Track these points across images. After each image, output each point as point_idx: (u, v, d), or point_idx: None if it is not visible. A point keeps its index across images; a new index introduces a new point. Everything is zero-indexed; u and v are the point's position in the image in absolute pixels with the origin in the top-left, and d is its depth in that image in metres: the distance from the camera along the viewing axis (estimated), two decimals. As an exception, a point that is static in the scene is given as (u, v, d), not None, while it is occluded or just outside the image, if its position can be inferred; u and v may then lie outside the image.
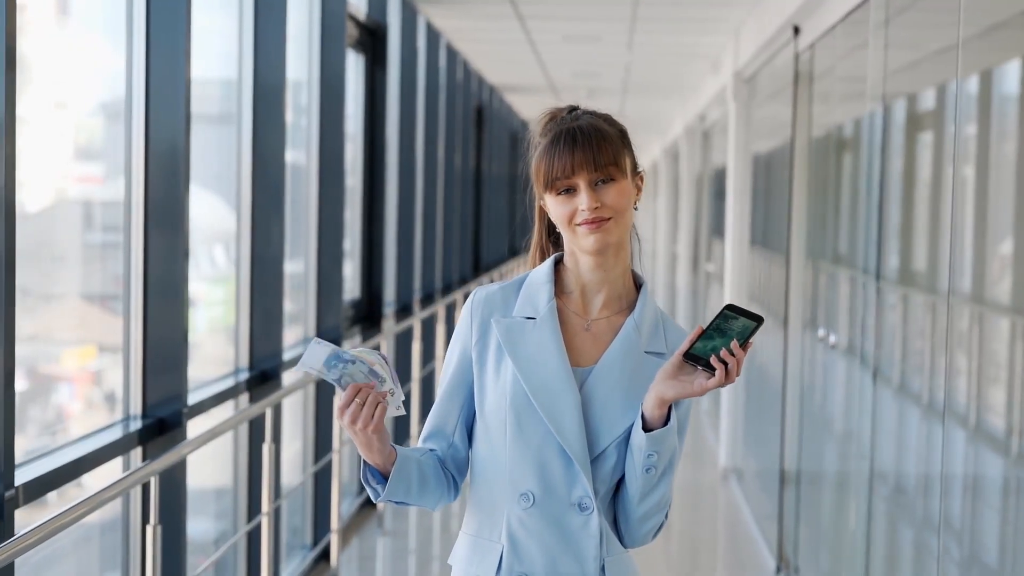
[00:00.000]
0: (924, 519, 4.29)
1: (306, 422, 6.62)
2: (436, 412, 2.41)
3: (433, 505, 2.41)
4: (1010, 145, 3.58)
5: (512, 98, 15.96)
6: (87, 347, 4.62)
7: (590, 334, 2.37)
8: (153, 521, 3.53)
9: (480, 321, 2.37)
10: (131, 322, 4.32)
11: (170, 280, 4.32)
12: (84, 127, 4.63)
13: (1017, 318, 3.49)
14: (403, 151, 8.88)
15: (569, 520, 2.31)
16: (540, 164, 2.34)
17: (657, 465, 2.29)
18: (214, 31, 5.47)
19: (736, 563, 6.96)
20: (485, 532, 2.35)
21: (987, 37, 3.68)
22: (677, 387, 2.23)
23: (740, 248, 8.81)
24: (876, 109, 4.83)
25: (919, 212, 4.46)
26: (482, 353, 2.36)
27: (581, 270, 2.38)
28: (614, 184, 2.31)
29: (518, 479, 2.32)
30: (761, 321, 2.24)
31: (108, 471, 4.01)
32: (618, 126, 2.38)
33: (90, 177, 4.64)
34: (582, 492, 2.30)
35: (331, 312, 6.78)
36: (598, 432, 2.31)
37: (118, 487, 3.35)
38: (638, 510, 2.34)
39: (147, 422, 4.28)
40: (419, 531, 7.24)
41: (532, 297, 2.38)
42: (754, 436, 8.15)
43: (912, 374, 4.48)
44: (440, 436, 2.40)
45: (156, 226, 4.31)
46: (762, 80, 8.17)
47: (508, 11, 8.60)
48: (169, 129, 4.28)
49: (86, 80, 4.49)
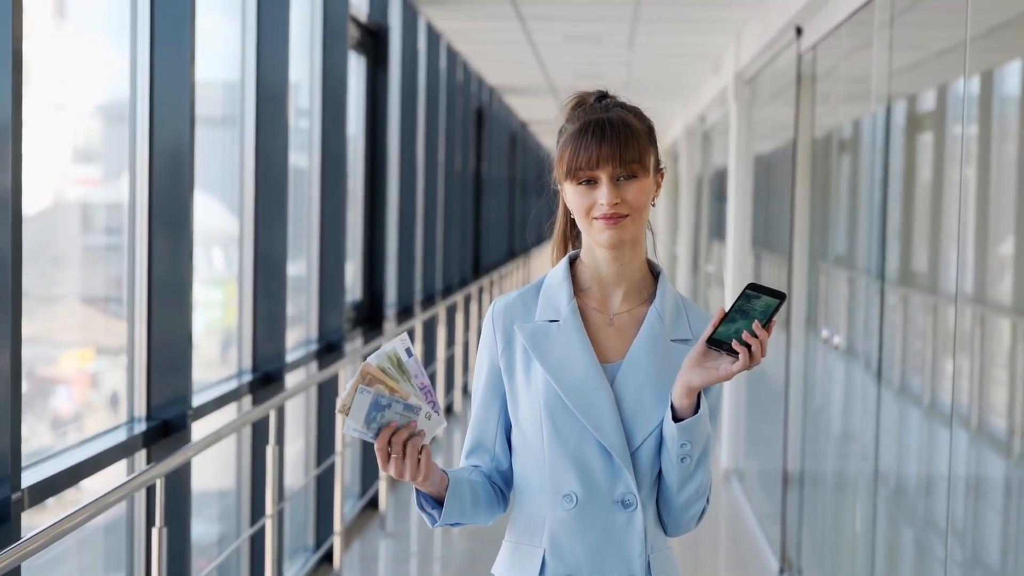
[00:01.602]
0: (927, 520, 4.29)
1: (308, 423, 6.62)
2: (474, 427, 2.41)
3: (487, 520, 2.41)
4: (1011, 146, 3.58)
5: (512, 100, 15.96)
6: (85, 349, 4.61)
7: (614, 329, 2.37)
8: (159, 523, 3.53)
9: (503, 330, 2.36)
10: (135, 324, 4.32)
11: (174, 282, 4.32)
12: (82, 129, 4.63)
13: (1019, 319, 3.50)
14: (404, 152, 8.88)
15: (613, 518, 2.31)
16: (565, 151, 2.33)
17: (692, 454, 2.28)
18: (216, 33, 5.47)
19: (739, 564, 6.96)
20: (526, 539, 2.35)
21: (991, 37, 3.68)
22: (703, 374, 2.23)
23: (741, 249, 8.81)
24: (879, 110, 4.82)
25: (922, 213, 4.46)
26: (510, 362, 2.36)
27: (599, 263, 2.37)
28: (636, 181, 2.29)
29: (559, 481, 2.31)
30: (784, 298, 2.22)
31: (107, 473, 4.00)
32: (647, 122, 2.37)
33: (88, 179, 4.64)
34: (624, 488, 2.30)
35: (333, 314, 6.78)
36: (633, 426, 2.31)
37: (125, 489, 3.35)
38: (678, 499, 2.33)
39: (151, 424, 4.28)
40: (420, 533, 7.24)
41: (552, 299, 2.37)
42: (756, 437, 8.15)
43: (915, 375, 4.48)
44: (482, 451, 2.40)
45: (160, 228, 4.30)
46: (764, 81, 8.17)
47: (509, 12, 8.60)
48: (173, 131, 4.28)
49: (84, 82, 4.48)
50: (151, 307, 4.30)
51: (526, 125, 19.93)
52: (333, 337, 6.77)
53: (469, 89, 12.24)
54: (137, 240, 4.31)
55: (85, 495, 3.79)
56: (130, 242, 4.32)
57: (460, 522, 2.35)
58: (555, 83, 13.38)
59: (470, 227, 12.75)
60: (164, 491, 3.57)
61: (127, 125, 4.32)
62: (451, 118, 10.89)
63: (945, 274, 4.21)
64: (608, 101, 2.38)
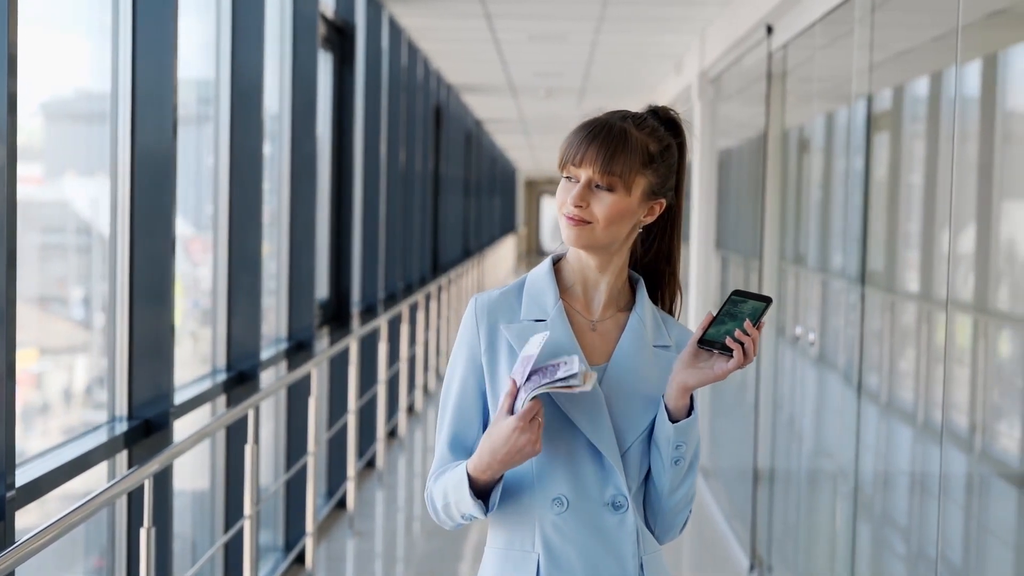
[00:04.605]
0: (892, 515, 4.32)
1: (278, 423, 6.58)
2: (453, 424, 2.34)
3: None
4: (972, 146, 3.64)
5: (469, 98, 15.94)
6: (28, 350, 4.54)
7: (597, 333, 2.35)
8: (147, 524, 3.49)
9: (487, 328, 2.33)
10: (117, 324, 4.28)
11: (156, 281, 4.28)
12: (24, 127, 4.57)
13: (980, 316, 3.55)
14: (368, 151, 8.85)
15: (604, 521, 2.28)
16: (564, 141, 2.32)
17: (685, 456, 2.28)
18: (190, 32, 5.41)
19: (709, 562, 6.98)
20: (516, 543, 2.30)
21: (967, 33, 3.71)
22: (698, 374, 2.24)
23: (706, 250, 8.83)
24: (852, 108, 4.85)
25: (894, 212, 4.49)
26: (493, 361, 2.32)
27: (583, 265, 2.36)
28: (611, 195, 2.26)
29: (548, 484, 2.28)
30: (770, 301, 2.25)
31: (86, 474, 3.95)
32: (659, 146, 2.31)
33: (30, 178, 4.57)
34: (615, 491, 2.28)
35: (303, 312, 6.74)
36: (623, 428, 2.29)
37: (116, 489, 3.31)
38: (668, 503, 2.33)
39: (133, 423, 4.24)
40: (388, 533, 7.21)
41: (537, 299, 2.35)
42: (724, 435, 8.17)
43: (881, 374, 4.51)
44: (462, 450, 2.34)
45: (143, 227, 4.26)
46: (731, 80, 8.20)
47: (476, 10, 8.59)
48: (155, 131, 4.25)
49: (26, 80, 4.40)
50: (133, 306, 4.26)
51: (481, 124, 19.90)
52: (303, 336, 6.74)
53: (428, 87, 12.20)
54: (119, 239, 4.27)
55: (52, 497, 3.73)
56: (112, 241, 4.28)
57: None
58: (515, 82, 13.38)
59: (429, 226, 12.73)
60: (152, 491, 3.53)
61: (107, 124, 4.28)
62: (411, 116, 10.86)
63: (905, 275, 4.28)
64: (641, 114, 2.34)
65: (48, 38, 4.42)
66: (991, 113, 3.60)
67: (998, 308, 3.53)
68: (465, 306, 2.41)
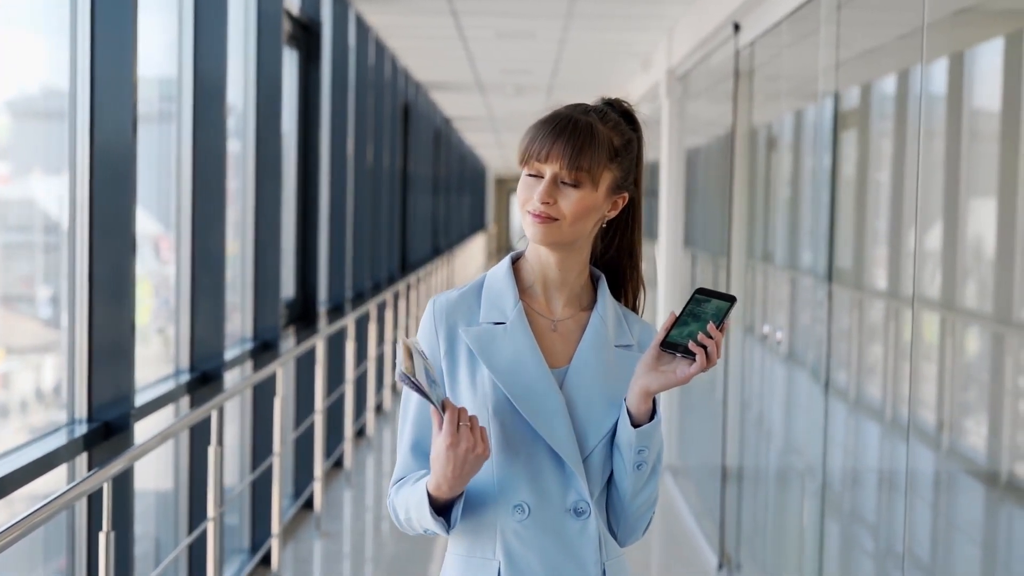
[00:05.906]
0: (861, 513, 4.31)
1: (244, 424, 6.52)
2: (413, 431, 2.30)
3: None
4: (938, 143, 3.63)
5: (437, 96, 15.90)
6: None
7: (558, 334, 2.31)
8: (106, 528, 3.44)
9: (447, 331, 2.28)
10: (76, 324, 4.22)
11: (117, 280, 4.23)
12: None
13: (946, 313, 3.55)
14: (335, 148, 8.80)
15: (566, 527, 2.24)
16: (525, 136, 2.27)
17: (648, 460, 2.24)
18: (152, 28, 5.36)
19: (678, 560, 6.96)
20: (477, 551, 2.26)
21: (937, 29, 3.70)
22: (660, 378, 2.19)
23: (674, 249, 8.82)
24: (819, 106, 4.84)
25: (861, 210, 4.48)
26: (453, 364, 2.28)
27: (544, 263, 2.31)
28: (577, 191, 2.22)
29: (509, 491, 2.24)
30: (734, 301, 2.21)
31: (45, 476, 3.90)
32: (621, 139, 2.28)
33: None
34: (577, 496, 2.24)
35: (269, 312, 6.69)
36: (585, 432, 2.25)
37: (73, 492, 3.26)
38: (631, 507, 2.29)
39: (92, 426, 4.18)
40: (355, 534, 7.17)
41: (496, 301, 2.30)
42: (692, 434, 8.16)
43: (854, 372, 4.50)
44: (423, 455, 2.30)
45: (102, 226, 4.21)
46: (698, 77, 8.18)
47: (443, 7, 8.55)
48: (114, 128, 4.19)
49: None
50: (92, 306, 4.20)
51: (450, 121, 19.86)
52: (269, 335, 6.68)
53: (396, 85, 12.16)
54: (78, 238, 4.21)
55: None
56: (71, 240, 4.22)
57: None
58: (482, 79, 13.35)
59: (397, 225, 12.68)
60: (112, 494, 3.48)
61: (66, 122, 4.22)
62: (379, 114, 10.82)
63: (871, 271, 4.27)
64: (602, 107, 2.30)
65: (13, 36, 4.36)
66: (957, 111, 3.59)
67: (965, 305, 3.53)
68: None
